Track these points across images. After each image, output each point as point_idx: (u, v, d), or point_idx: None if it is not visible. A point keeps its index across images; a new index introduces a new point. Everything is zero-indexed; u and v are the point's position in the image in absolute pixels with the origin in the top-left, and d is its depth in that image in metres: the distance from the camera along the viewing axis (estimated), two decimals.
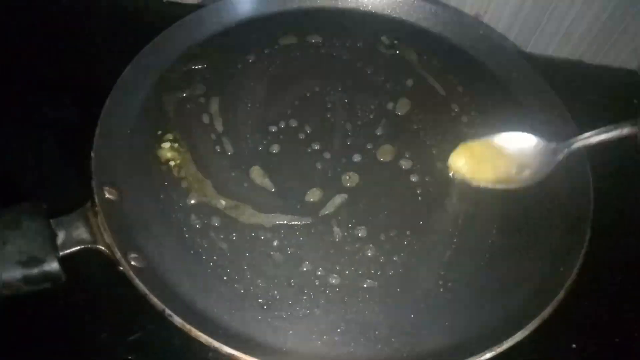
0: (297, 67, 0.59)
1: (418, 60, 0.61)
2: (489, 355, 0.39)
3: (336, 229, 0.47)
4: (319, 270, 0.45)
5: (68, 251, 0.40)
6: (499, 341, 0.40)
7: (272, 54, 0.60)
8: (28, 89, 0.61)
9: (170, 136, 0.52)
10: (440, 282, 0.45)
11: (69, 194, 0.49)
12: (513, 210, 0.50)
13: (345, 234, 0.47)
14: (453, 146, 0.52)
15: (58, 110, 0.59)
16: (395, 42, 0.62)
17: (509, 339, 0.40)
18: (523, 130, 0.49)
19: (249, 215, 0.47)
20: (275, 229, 0.47)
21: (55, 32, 0.67)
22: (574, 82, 0.74)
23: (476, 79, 0.60)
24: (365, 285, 0.44)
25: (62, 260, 0.41)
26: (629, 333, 0.52)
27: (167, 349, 0.46)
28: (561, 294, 0.42)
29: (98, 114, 0.49)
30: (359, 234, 0.47)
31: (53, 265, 0.38)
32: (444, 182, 0.51)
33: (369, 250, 0.46)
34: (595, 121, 0.65)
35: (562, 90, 0.58)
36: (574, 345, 0.50)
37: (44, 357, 0.46)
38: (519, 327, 0.40)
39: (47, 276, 0.39)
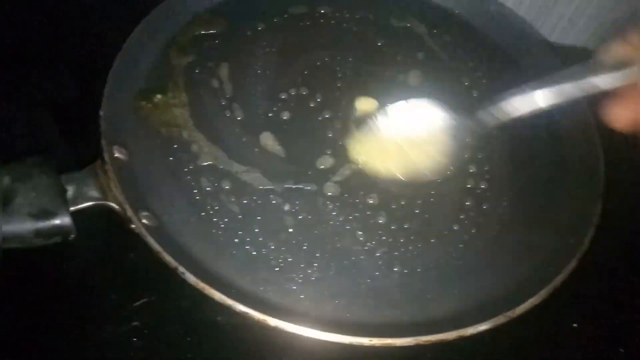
0: (307, 36, 0.59)
1: (429, 34, 0.61)
2: (501, 320, 0.39)
3: (347, 196, 0.47)
4: (331, 236, 0.45)
5: (79, 206, 0.40)
6: (509, 307, 0.40)
7: (282, 23, 0.59)
8: (33, 55, 0.60)
9: (179, 99, 0.51)
10: (452, 250, 0.45)
11: (80, 155, 0.48)
12: (524, 183, 0.50)
13: (357, 201, 0.47)
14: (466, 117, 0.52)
15: (65, 79, 0.58)
16: (407, 15, 0.62)
17: (522, 305, 0.40)
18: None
19: (259, 180, 0.47)
20: (287, 193, 0.46)
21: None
22: None
23: (487, 55, 0.60)
24: (376, 252, 0.44)
25: (72, 216, 0.40)
26: (630, 316, 0.52)
27: (175, 313, 0.46)
28: (573, 263, 0.43)
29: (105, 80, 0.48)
30: (370, 202, 0.47)
31: (65, 219, 0.38)
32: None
33: (380, 218, 0.46)
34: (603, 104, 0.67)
35: None
36: (575, 325, 0.50)
37: (49, 317, 0.45)
38: (530, 295, 0.41)
39: (58, 230, 0.38)
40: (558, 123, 0.54)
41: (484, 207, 0.48)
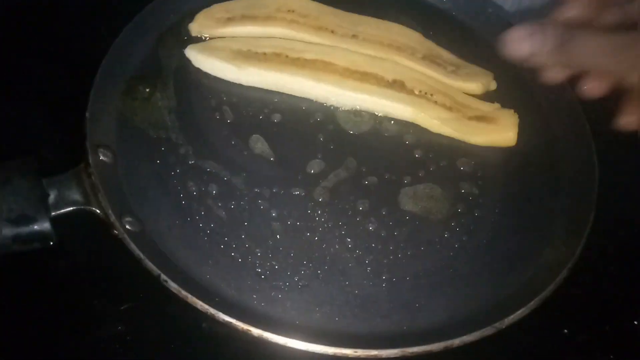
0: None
1: (425, 36, 0.59)
2: (490, 331, 0.38)
3: (337, 202, 0.46)
4: (319, 243, 0.44)
5: (60, 211, 0.39)
6: (499, 318, 0.39)
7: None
8: (19, 51, 0.59)
9: (167, 100, 0.50)
10: (442, 258, 0.44)
11: (63, 157, 0.48)
12: (516, 191, 0.49)
13: (347, 206, 0.46)
14: None
15: (53, 72, 0.57)
16: (401, 17, 0.60)
17: (511, 316, 0.39)
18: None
19: (248, 184, 0.46)
20: (275, 198, 0.46)
21: None
22: None
23: (484, 58, 0.58)
24: (365, 259, 0.43)
25: (54, 221, 0.39)
26: (620, 322, 0.52)
27: (160, 319, 0.45)
28: (564, 273, 0.42)
29: (94, 76, 0.47)
30: (360, 208, 0.46)
31: (44, 225, 0.37)
32: (448, 159, 0.50)
33: (370, 224, 0.45)
34: (600, 107, 0.66)
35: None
36: (565, 331, 0.50)
37: (31, 323, 0.44)
38: (521, 305, 0.40)
39: (38, 236, 0.37)
40: (553, 128, 0.54)
41: (476, 214, 0.47)
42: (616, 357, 0.48)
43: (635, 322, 0.52)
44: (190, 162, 0.47)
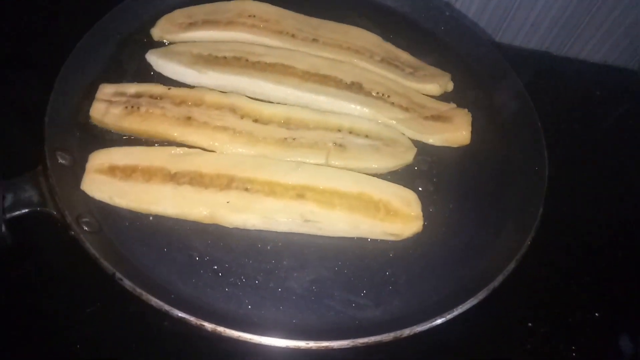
0: None
1: (383, 38, 0.61)
2: (439, 321, 0.40)
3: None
4: (277, 243, 0.45)
5: (15, 213, 0.39)
6: (448, 309, 0.40)
7: None
8: None
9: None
10: (397, 253, 0.45)
11: (22, 160, 0.48)
12: (469, 188, 0.51)
13: None
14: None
15: (12, 77, 0.57)
16: (361, 20, 0.62)
17: (460, 306, 0.40)
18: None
19: None
20: None
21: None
22: (540, 71, 0.75)
23: (442, 60, 0.60)
24: (322, 258, 0.44)
25: (11, 225, 0.39)
26: (582, 314, 0.53)
27: (122, 320, 0.45)
28: (511, 266, 0.43)
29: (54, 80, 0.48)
30: None
31: None
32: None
33: None
34: (558, 111, 0.68)
35: (527, 79, 0.59)
36: (529, 324, 0.51)
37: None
38: (469, 296, 0.41)
39: None
40: (506, 128, 0.55)
41: (431, 210, 0.49)
42: (578, 348, 0.50)
43: (597, 314, 0.54)
44: None
